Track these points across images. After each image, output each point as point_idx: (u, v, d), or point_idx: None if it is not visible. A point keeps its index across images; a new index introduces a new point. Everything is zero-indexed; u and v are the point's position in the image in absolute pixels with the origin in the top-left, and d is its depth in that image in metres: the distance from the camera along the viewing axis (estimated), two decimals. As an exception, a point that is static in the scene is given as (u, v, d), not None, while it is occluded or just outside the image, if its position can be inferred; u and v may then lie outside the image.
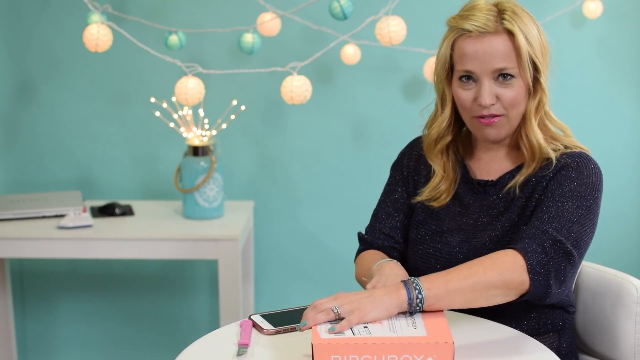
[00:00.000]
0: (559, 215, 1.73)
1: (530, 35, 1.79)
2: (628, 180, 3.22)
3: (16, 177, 3.23)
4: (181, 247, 2.82)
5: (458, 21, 1.81)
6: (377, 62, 3.12)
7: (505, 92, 1.79)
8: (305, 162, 3.22)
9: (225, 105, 3.05)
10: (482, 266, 1.66)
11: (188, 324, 3.32)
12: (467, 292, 1.64)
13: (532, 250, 1.68)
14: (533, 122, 1.83)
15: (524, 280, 1.66)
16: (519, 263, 1.66)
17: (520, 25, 1.79)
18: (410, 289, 1.61)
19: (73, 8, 3.07)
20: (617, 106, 3.19)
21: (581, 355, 1.98)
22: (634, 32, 3.14)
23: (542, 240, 1.69)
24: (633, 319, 1.86)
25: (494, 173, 1.89)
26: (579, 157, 1.81)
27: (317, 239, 3.26)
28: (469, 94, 1.81)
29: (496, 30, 1.78)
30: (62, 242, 2.80)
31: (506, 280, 1.65)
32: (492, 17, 1.79)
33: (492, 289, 1.65)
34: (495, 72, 1.79)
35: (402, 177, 1.99)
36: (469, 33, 1.79)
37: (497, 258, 1.67)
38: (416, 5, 3.05)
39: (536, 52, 1.80)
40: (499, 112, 1.80)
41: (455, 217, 1.89)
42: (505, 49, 1.78)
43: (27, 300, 3.32)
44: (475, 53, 1.79)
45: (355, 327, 1.54)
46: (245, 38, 2.85)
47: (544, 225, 1.72)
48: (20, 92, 3.19)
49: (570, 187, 1.76)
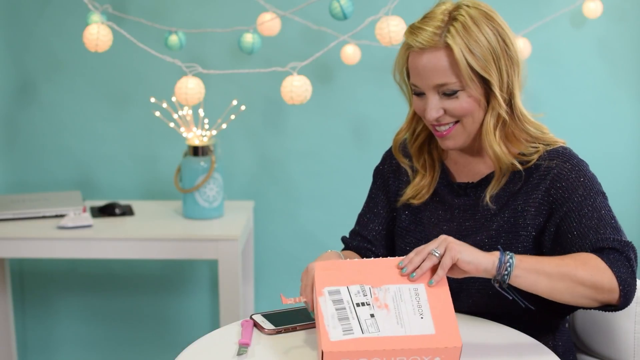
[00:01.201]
0: (602, 218, 1.73)
1: (475, 47, 1.73)
2: (628, 181, 3.22)
3: (16, 177, 3.23)
4: (181, 247, 2.82)
5: (407, 34, 1.79)
6: (377, 62, 3.12)
7: (452, 104, 1.77)
8: (305, 162, 3.22)
9: (225, 105, 3.05)
10: (574, 261, 1.64)
11: (188, 324, 3.32)
12: (555, 279, 1.62)
13: (618, 261, 1.67)
14: (491, 137, 1.79)
15: (614, 288, 1.65)
16: (608, 272, 1.65)
17: (464, 37, 1.73)
18: (504, 254, 1.60)
19: (73, 8, 3.07)
20: (617, 106, 3.19)
21: (581, 355, 1.98)
22: (634, 32, 3.14)
23: (623, 251, 1.69)
24: (633, 318, 1.86)
25: (473, 176, 1.88)
26: (564, 156, 1.80)
27: (317, 239, 3.26)
28: (420, 104, 1.80)
29: (436, 45, 1.74)
30: (62, 242, 2.80)
31: (596, 282, 1.63)
32: (438, 30, 1.75)
33: (580, 286, 1.63)
34: (437, 87, 1.76)
35: (383, 181, 1.99)
36: (412, 49, 1.77)
37: (589, 259, 1.66)
38: (416, 5, 3.04)
39: (481, 63, 1.73)
40: (449, 120, 1.78)
41: (440, 222, 1.88)
42: (444, 64, 1.74)
43: (27, 300, 3.32)
44: (416, 69, 1.77)
45: (362, 317, 1.52)
46: (245, 38, 2.85)
47: (604, 236, 1.71)
48: (20, 92, 3.19)
49: (585, 188, 1.76)
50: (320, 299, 1.52)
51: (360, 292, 1.55)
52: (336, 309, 1.52)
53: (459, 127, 1.79)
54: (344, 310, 1.52)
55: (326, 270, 1.58)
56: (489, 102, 1.78)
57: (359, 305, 1.53)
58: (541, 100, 3.07)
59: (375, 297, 1.54)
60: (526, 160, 1.81)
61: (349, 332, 1.50)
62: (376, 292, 1.55)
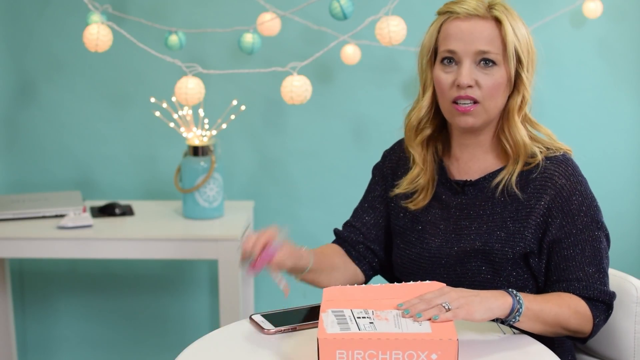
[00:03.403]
0: (595, 256, 1.78)
1: (517, 30, 1.79)
2: (628, 180, 3.22)
3: (16, 177, 3.23)
4: (181, 247, 2.81)
5: (448, 6, 1.81)
6: (377, 62, 3.12)
7: (485, 78, 1.78)
8: (305, 162, 3.22)
9: (225, 105, 3.05)
10: (569, 309, 1.74)
11: (188, 324, 3.32)
12: (549, 325, 1.71)
13: (601, 310, 1.78)
14: (516, 118, 1.82)
15: (587, 332, 1.77)
16: (591, 322, 1.77)
17: (509, 17, 1.79)
18: (515, 300, 1.65)
19: (73, 8, 3.07)
20: (617, 106, 3.19)
21: (580, 355, 1.98)
22: (634, 32, 3.14)
23: (607, 302, 1.78)
24: (633, 319, 1.86)
25: (472, 173, 1.87)
26: (567, 172, 1.80)
27: (317, 239, 3.25)
28: (449, 77, 1.80)
29: (484, 15, 1.78)
30: (62, 242, 2.80)
31: (579, 330, 1.76)
32: (482, 4, 1.79)
33: (564, 331, 1.75)
34: (478, 54, 1.77)
35: (382, 177, 1.99)
36: (457, 15, 1.79)
37: (580, 308, 1.75)
38: (416, 5, 3.05)
39: (522, 46, 1.79)
40: (475, 96, 1.78)
41: (436, 221, 1.88)
42: (490, 34, 1.78)
43: (27, 300, 3.32)
44: (460, 33, 1.78)
45: (362, 323, 1.54)
46: (245, 38, 2.85)
47: (595, 285, 1.77)
48: (20, 92, 3.19)
49: (586, 217, 1.79)
50: (322, 314, 1.56)
51: (362, 312, 1.59)
52: (336, 318, 1.55)
53: (479, 107, 1.79)
54: (344, 319, 1.56)
55: (332, 300, 1.64)
56: (515, 86, 1.81)
57: (359, 318, 1.57)
58: (541, 100, 3.06)
59: (377, 315, 1.58)
60: (528, 162, 1.82)
61: (346, 329, 1.52)
62: (378, 314, 1.59)
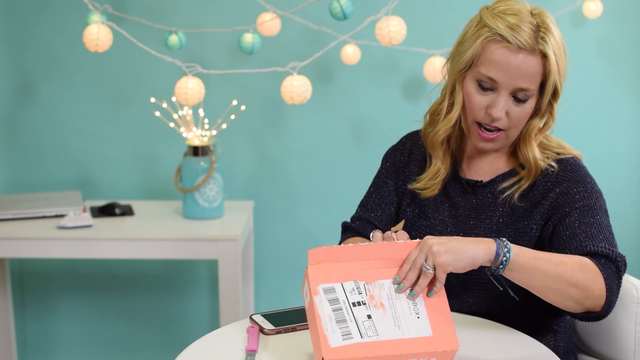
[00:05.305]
0: (601, 230, 1.73)
1: (560, 61, 1.74)
2: (628, 180, 3.22)
3: (16, 177, 3.23)
4: (181, 247, 2.82)
5: (498, 24, 1.73)
6: (377, 62, 3.12)
7: (516, 110, 1.76)
8: (305, 162, 3.22)
9: (225, 105, 3.05)
10: (572, 262, 1.63)
11: (188, 324, 3.32)
12: (550, 278, 1.60)
13: (609, 269, 1.67)
14: (533, 140, 1.81)
15: (602, 295, 1.64)
16: (600, 279, 1.64)
17: (554, 47, 1.73)
18: (501, 246, 1.57)
19: (73, 8, 3.07)
20: (618, 106, 3.19)
21: (581, 355, 1.98)
22: (634, 32, 3.14)
23: (615, 261, 1.68)
24: (633, 319, 1.86)
25: (483, 174, 1.88)
26: (574, 170, 1.81)
27: (317, 239, 3.26)
28: (482, 100, 1.77)
29: (533, 49, 1.72)
30: (62, 242, 2.80)
31: (589, 287, 1.63)
32: (532, 32, 1.72)
33: (573, 288, 1.62)
34: (517, 90, 1.75)
35: (394, 169, 1.98)
36: (508, 44, 1.72)
37: (584, 262, 1.64)
38: (416, 5, 3.06)
39: (561, 79, 1.76)
40: (502, 126, 1.77)
41: (445, 219, 1.88)
42: (535, 71, 1.73)
43: (27, 300, 3.32)
44: (507, 65, 1.72)
45: (359, 317, 1.51)
46: (245, 38, 2.85)
47: (598, 243, 1.70)
48: (20, 92, 3.19)
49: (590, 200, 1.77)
50: (316, 298, 1.52)
51: (355, 289, 1.54)
52: (333, 310, 1.52)
53: (503, 134, 1.79)
54: (340, 312, 1.52)
55: (318, 263, 1.56)
56: (539, 109, 1.79)
57: (355, 305, 1.53)
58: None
59: (371, 295, 1.54)
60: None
61: (348, 337, 1.50)
62: (371, 288, 1.55)
